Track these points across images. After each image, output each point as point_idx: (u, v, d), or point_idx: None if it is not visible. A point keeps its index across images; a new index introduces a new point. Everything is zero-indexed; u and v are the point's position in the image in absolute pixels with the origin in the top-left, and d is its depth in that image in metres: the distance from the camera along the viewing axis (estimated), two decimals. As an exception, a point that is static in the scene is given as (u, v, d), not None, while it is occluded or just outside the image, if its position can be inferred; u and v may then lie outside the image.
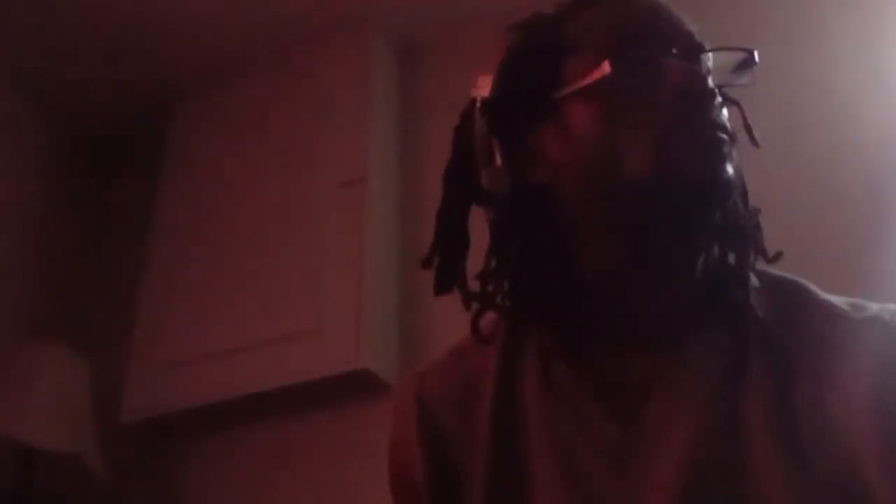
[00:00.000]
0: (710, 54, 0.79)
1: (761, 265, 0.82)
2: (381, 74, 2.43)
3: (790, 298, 0.79)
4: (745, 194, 0.80)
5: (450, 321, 0.83)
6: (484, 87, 0.81)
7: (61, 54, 2.50)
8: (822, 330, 0.75)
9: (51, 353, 2.16)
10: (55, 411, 2.06)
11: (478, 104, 0.81)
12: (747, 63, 0.79)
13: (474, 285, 0.81)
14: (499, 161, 0.79)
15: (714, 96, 0.75)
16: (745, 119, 0.81)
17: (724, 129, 0.75)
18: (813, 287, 0.80)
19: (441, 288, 0.82)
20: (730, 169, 0.74)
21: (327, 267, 2.16)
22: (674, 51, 0.76)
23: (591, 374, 0.79)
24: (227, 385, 2.12)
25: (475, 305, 0.81)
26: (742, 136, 0.83)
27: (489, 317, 0.82)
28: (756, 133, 0.82)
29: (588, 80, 0.75)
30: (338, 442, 2.06)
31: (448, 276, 0.82)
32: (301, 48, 2.47)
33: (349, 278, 2.12)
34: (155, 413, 2.18)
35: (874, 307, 0.77)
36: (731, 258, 0.78)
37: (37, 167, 2.67)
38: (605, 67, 0.74)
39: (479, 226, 0.83)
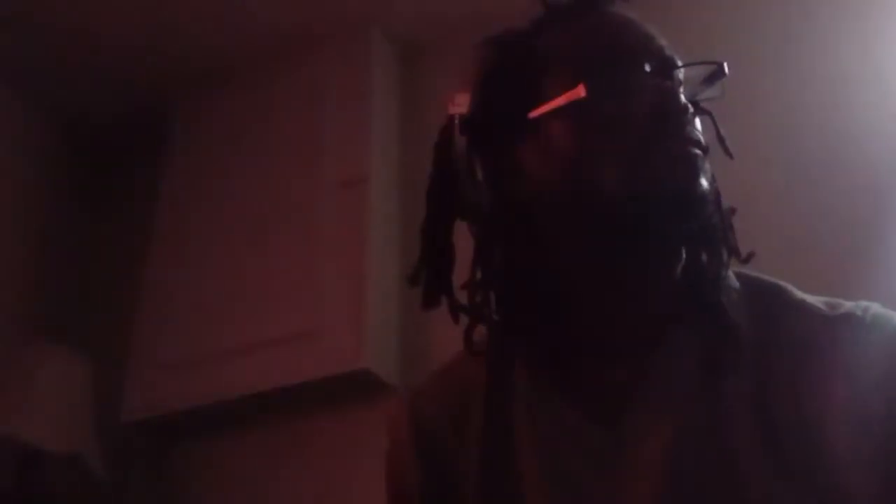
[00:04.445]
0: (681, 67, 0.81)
1: (746, 267, 0.83)
2: (381, 75, 2.43)
3: (767, 299, 0.80)
4: (717, 198, 0.81)
5: (450, 322, 0.84)
6: (461, 105, 0.83)
7: (61, 54, 2.50)
8: (798, 328, 0.77)
9: (51, 353, 2.16)
10: (55, 411, 2.06)
11: (456, 122, 0.83)
12: (717, 75, 0.81)
13: (462, 297, 0.82)
14: (479, 177, 0.81)
15: (686, 111, 0.77)
16: (717, 131, 0.83)
17: (697, 143, 0.77)
18: (790, 287, 0.82)
19: (429, 303, 0.83)
20: (704, 182, 0.76)
21: (327, 267, 2.16)
22: (647, 67, 0.78)
23: (575, 381, 0.81)
24: (227, 385, 2.12)
25: (466, 319, 0.82)
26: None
27: (481, 329, 0.84)
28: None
29: (564, 100, 0.77)
30: (338, 442, 2.06)
31: (435, 291, 0.83)
32: (302, 48, 2.47)
33: (349, 278, 2.12)
34: (155, 413, 2.18)
35: (848, 304, 0.78)
36: (705, 260, 0.80)
37: (37, 167, 2.67)
38: (580, 90, 0.76)
39: (464, 237, 0.84)
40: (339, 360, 2.04)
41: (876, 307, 0.78)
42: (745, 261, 0.81)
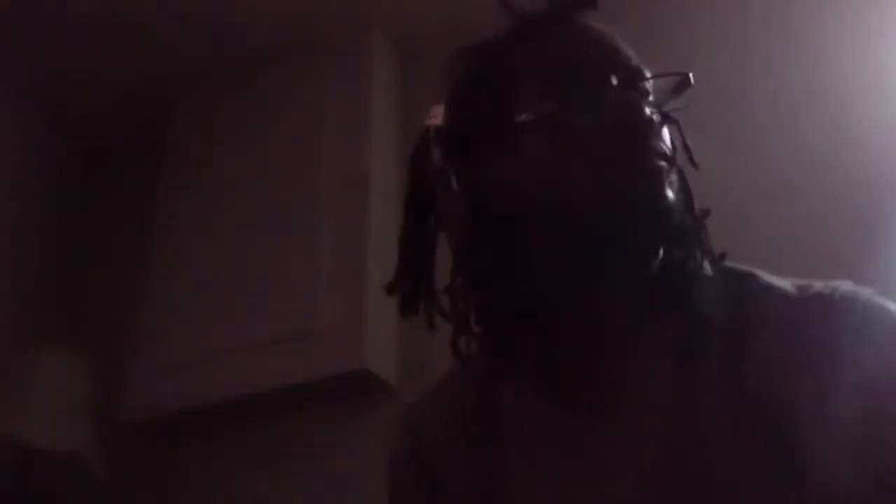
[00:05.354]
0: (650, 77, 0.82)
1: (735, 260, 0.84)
2: (381, 74, 2.43)
3: (740, 286, 0.81)
4: (688, 204, 0.82)
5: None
6: (437, 117, 0.85)
7: (61, 54, 2.50)
8: (765, 309, 0.78)
9: (51, 353, 2.16)
10: (56, 411, 2.06)
11: (431, 133, 0.85)
12: (683, 85, 0.82)
13: (442, 303, 0.84)
14: (455, 188, 0.82)
15: (651, 124, 0.78)
16: (683, 140, 0.83)
17: (662, 155, 0.78)
18: (760, 273, 0.83)
19: (406, 311, 0.85)
20: (669, 193, 0.77)
21: (327, 267, 2.16)
22: (613, 80, 0.79)
23: (560, 382, 0.83)
24: (227, 385, 2.12)
25: (449, 328, 0.84)
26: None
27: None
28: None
29: (532, 114, 0.78)
30: (338, 442, 2.06)
31: (413, 300, 0.85)
32: (302, 49, 2.47)
33: (349, 278, 2.12)
34: (155, 413, 2.18)
35: (818, 284, 0.79)
36: (679, 258, 0.81)
37: (36, 167, 2.67)
38: (546, 104, 0.78)
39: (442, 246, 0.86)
40: (339, 360, 2.04)
41: (845, 286, 0.78)
42: (719, 261, 0.82)
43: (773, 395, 0.74)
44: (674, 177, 0.79)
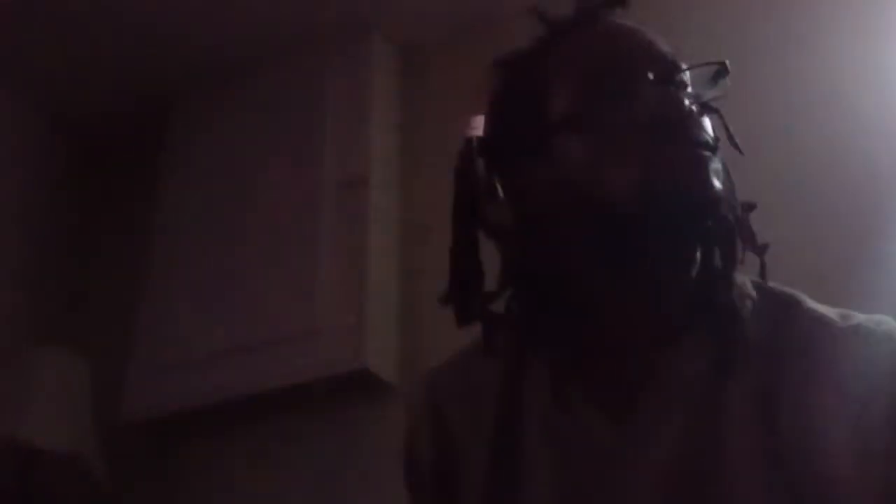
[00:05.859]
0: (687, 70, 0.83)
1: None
2: (381, 75, 2.43)
3: (781, 307, 0.81)
4: (732, 195, 0.82)
5: (450, 321, 0.85)
6: (478, 128, 0.86)
7: (61, 54, 2.50)
8: (807, 336, 0.78)
9: (51, 353, 2.16)
10: (55, 411, 2.06)
11: (474, 145, 0.86)
12: (721, 74, 0.82)
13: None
14: (500, 196, 0.83)
15: (691, 115, 0.78)
16: (727, 129, 0.84)
17: (704, 144, 0.78)
18: (804, 297, 0.83)
19: (464, 321, 0.85)
20: (716, 182, 0.77)
21: (327, 267, 2.16)
22: (649, 75, 0.79)
23: (588, 377, 0.83)
24: (227, 385, 2.12)
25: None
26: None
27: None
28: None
29: (568, 115, 0.79)
30: (338, 442, 2.06)
31: (469, 310, 0.85)
32: (302, 49, 2.47)
33: (349, 278, 2.12)
34: (155, 413, 2.18)
35: (861, 317, 0.79)
36: (719, 260, 0.81)
37: (36, 167, 2.67)
38: (582, 104, 0.79)
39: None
40: (338, 360, 2.04)
41: (890, 321, 0.78)
42: (761, 252, 0.82)
43: (802, 421, 0.73)
44: (719, 165, 0.79)
